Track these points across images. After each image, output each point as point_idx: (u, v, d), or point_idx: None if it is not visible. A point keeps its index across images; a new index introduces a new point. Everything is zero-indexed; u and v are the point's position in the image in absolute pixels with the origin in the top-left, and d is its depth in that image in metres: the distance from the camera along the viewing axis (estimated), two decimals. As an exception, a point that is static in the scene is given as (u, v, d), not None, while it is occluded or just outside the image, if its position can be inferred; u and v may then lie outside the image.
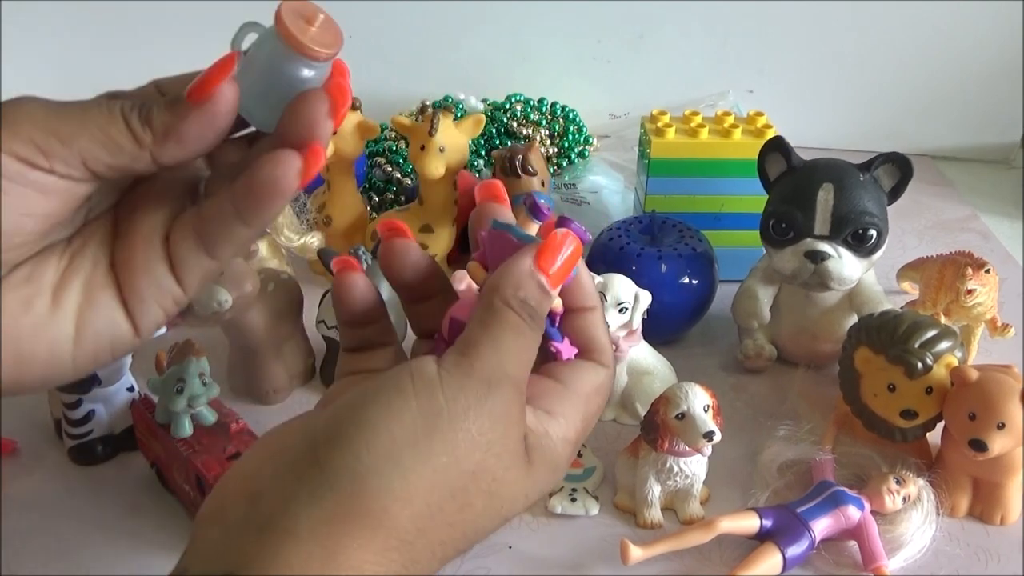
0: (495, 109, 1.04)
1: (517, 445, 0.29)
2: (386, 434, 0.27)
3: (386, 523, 0.26)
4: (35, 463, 0.64)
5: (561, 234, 0.31)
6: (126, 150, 0.28)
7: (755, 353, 0.72)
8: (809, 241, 0.66)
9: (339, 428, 0.27)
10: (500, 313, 0.29)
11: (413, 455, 0.27)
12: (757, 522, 0.55)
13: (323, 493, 0.26)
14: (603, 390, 0.34)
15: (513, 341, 0.29)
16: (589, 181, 0.96)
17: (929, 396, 0.57)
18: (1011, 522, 0.59)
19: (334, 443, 0.27)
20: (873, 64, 1.12)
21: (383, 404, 0.27)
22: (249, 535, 0.26)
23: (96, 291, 0.30)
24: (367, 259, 0.66)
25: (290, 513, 0.26)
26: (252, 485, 0.28)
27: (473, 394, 0.28)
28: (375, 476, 0.26)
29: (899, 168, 0.67)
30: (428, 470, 0.27)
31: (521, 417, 0.29)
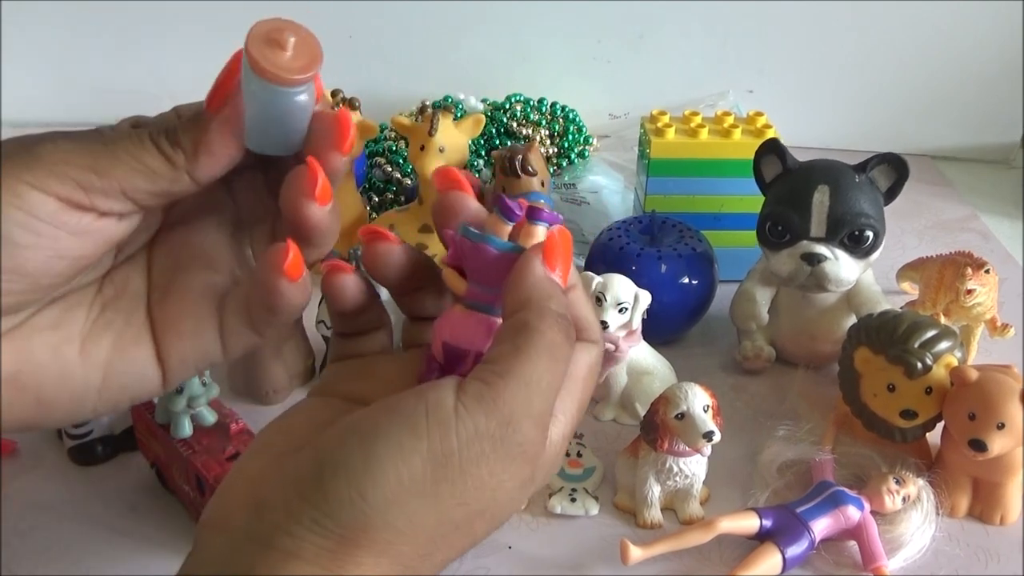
0: (495, 109, 1.04)
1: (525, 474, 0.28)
2: (394, 476, 0.26)
3: (390, 552, 0.26)
4: (35, 463, 0.64)
5: (559, 231, 0.31)
6: (162, 174, 0.28)
7: (754, 355, 0.72)
8: (805, 243, 0.66)
9: (347, 458, 0.26)
10: (536, 334, 0.28)
11: (420, 502, 0.26)
12: (757, 522, 0.55)
13: (326, 523, 0.25)
14: (595, 368, 0.33)
15: (547, 368, 0.28)
16: (589, 181, 0.96)
17: (929, 396, 0.57)
18: (1011, 522, 0.59)
19: (340, 473, 0.26)
20: (873, 64, 1.12)
21: (394, 442, 0.26)
22: (253, 548, 0.26)
23: (128, 346, 0.31)
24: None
25: (294, 535, 0.26)
26: (256, 491, 0.27)
27: (489, 439, 0.26)
28: (380, 515, 0.25)
29: (895, 168, 0.67)
30: (434, 513, 0.26)
31: (537, 452, 0.28)
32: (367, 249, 0.34)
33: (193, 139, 0.29)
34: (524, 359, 0.27)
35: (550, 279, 0.29)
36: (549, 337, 0.28)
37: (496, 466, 0.27)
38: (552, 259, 0.30)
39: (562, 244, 0.30)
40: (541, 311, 0.28)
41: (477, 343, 0.31)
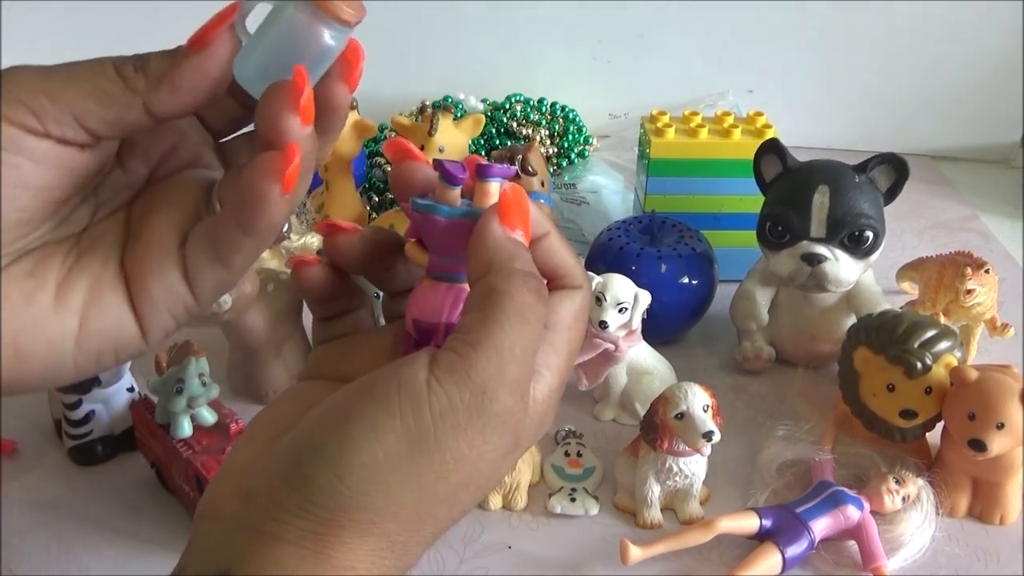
0: (495, 109, 1.04)
1: (507, 442, 0.28)
2: (369, 456, 0.25)
3: (375, 531, 0.26)
4: (35, 463, 0.64)
5: (512, 189, 0.29)
6: (117, 99, 0.27)
7: (754, 355, 0.72)
8: (805, 244, 0.66)
9: (323, 441, 0.26)
10: (504, 298, 0.27)
11: (398, 478, 0.26)
12: (756, 522, 0.55)
13: (309, 507, 0.25)
14: (583, 313, 0.31)
15: (519, 332, 0.27)
16: (589, 181, 0.97)
17: (928, 396, 0.57)
18: (1010, 522, 0.59)
19: (318, 458, 0.26)
20: (873, 64, 1.12)
21: (368, 422, 0.26)
22: (243, 535, 0.26)
23: (104, 291, 0.30)
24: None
25: (279, 520, 0.26)
26: (245, 480, 0.28)
27: (464, 410, 0.26)
28: (359, 496, 0.25)
29: (895, 169, 0.67)
30: (414, 488, 0.26)
31: (517, 421, 0.28)
32: (326, 243, 0.33)
33: (159, 69, 0.28)
34: (494, 326, 0.27)
35: (511, 239, 0.28)
36: (518, 300, 0.27)
37: (474, 437, 0.26)
38: (510, 217, 0.28)
39: (517, 199, 0.29)
40: (506, 274, 0.27)
41: (445, 314, 0.31)
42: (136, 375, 0.65)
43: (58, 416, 0.64)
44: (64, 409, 0.62)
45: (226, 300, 0.61)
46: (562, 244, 0.31)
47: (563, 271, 0.31)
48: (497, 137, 1.01)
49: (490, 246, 0.28)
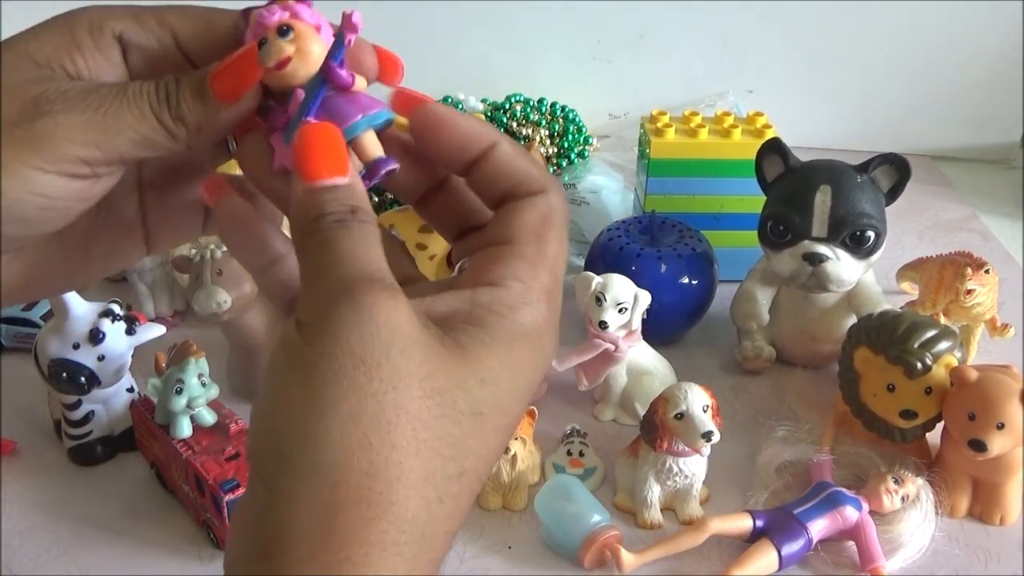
0: (495, 109, 1.04)
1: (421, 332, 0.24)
2: (286, 417, 0.24)
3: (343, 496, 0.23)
4: (35, 464, 0.64)
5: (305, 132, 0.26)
6: (164, 145, 0.28)
7: (754, 355, 0.72)
8: (807, 243, 0.66)
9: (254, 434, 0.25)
10: (308, 245, 0.25)
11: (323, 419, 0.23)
12: (750, 523, 0.55)
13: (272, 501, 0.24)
14: (556, 214, 0.28)
15: (336, 251, 0.25)
16: (589, 181, 0.96)
17: (928, 396, 0.57)
18: (1010, 522, 0.59)
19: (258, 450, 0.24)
20: (873, 64, 1.12)
21: (270, 392, 0.24)
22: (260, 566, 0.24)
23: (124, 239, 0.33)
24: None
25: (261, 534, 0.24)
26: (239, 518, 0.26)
27: (330, 322, 0.24)
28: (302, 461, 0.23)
29: (897, 169, 0.67)
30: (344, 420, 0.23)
31: (400, 304, 0.24)
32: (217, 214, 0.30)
33: (198, 119, 0.28)
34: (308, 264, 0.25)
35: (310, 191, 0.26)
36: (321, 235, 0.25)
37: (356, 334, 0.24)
38: (307, 167, 0.26)
39: (307, 143, 0.26)
40: (303, 232, 0.25)
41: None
42: (136, 375, 0.65)
43: (58, 416, 0.64)
44: (64, 409, 0.62)
45: (226, 300, 0.61)
46: (515, 152, 0.28)
47: (522, 177, 0.28)
48: (497, 137, 1.01)
49: (293, 212, 0.26)
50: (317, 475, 0.23)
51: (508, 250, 0.27)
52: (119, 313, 0.61)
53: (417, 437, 0.24)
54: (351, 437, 0.23)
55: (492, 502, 0.59)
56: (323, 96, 0.27)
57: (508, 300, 0.26)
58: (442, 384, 0.24)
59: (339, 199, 0.26)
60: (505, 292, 0.26)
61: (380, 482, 0.23)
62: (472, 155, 0.28)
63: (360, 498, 0.23)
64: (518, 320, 0.26)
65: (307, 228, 0.25)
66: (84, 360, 0.59)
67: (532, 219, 0.28)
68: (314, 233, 0.25)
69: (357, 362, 0.23)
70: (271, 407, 0.24)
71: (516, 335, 0.26)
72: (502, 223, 0.28)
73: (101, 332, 0.59)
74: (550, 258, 0.28)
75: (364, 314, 0.24)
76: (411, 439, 0.24)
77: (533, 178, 0.28)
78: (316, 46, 0.27)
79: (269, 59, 0.26)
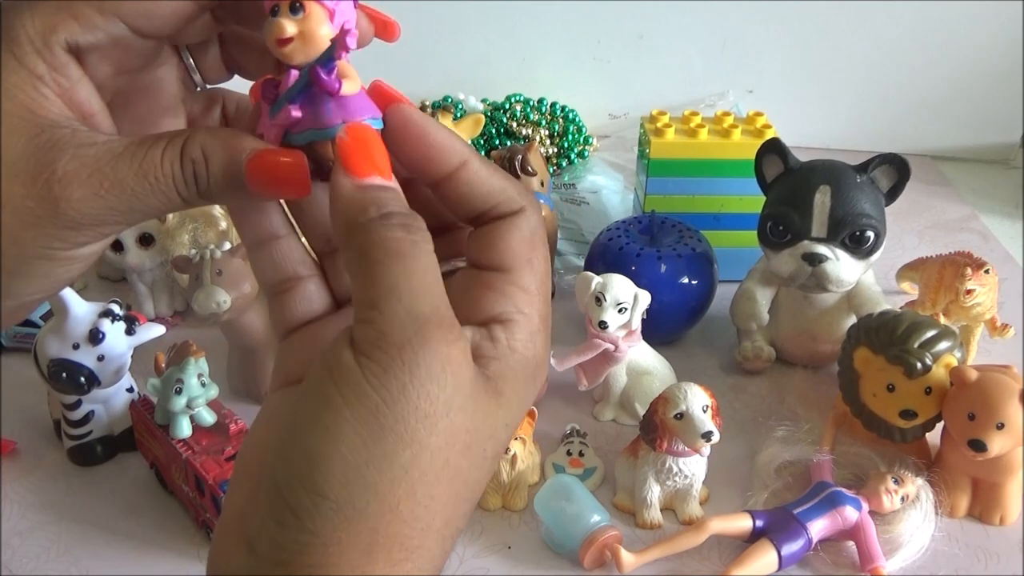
0: (495, 109, 1.04)
1: (474, 385, 0.25)
2: (338, 460, 0.23)
3: (381, 541, 0.24)
4: (35, 464, 0.64)
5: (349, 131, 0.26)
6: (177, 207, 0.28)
7: (753, 355, 0.72)
8: (806, 243, 0.66)
9: (291, 464, 0.24)
10: (372, 246, 0.24)
11: (374, 469, 0.23)
12: (750, 523, 0.55)
13: (305, 539, 0.24)
14: (536, 233, 0.28)
15: (408, 273, 0.24)
16: (589, 181, 0.97)
17: (928, 396, 0.57)
18: (1010, 522, 0.59)
19: (294, 483, 0.24)
20: (873, 64, 1.12)
21: (320, 428, 0.24)
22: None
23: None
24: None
25: (285, 562, 0.24)
26: (245, 528, 0.26)
27: (400, 367, 0.24)
28: (346, 506, 0.24)
29: (896, 169, 0.67)
30: (397, 473, 0.24)
31: (464, 356, 0.25)
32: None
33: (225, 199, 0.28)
34: (378, 280, 0.24)
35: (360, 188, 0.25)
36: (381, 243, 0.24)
37: (429, 389, 0.24)
38: (353, 163, 0.25)
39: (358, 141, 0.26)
40: (361, 228, 0.25)
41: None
42: (135, 376, 0.65)
43: (57, 416, 0.64)
44: (63, 409, 0.62)
45: (225, 300, 0.61)
46: (488, 169, 0.28)
47: (495, 198, 0.27)
48: (497, 137, 1.01)
49: (341, 207, 0.25)
50: (360, 520, 0.24)
51: (504, 279, 0.27)
52: (119, 313, 0.61)
53: (453, 488, 0.25)
54: (400, 488, 0.24)
55: (492, 502, 0.59)
56: (311, 90, 0.26)
57: (521, 336, 0.27)
58: (482, 436, 0.25)
59: (398, 199, 0.25)
60: (516, 328, 0.27)
61: (415, 530, 0.24)
62: (444, 171, 0.27)
63: (394, 544, 0.24)
64: (529, 356, 0.27)
65: (361, 224, 0.25)
66: (84, 360, 0.59)
67: (520, 245, 0.28)
68: (383, 236, 0.24)
69: (421, 416, 0.24)
70: (316, 440, 0.24)
71: (530, 370, 0.27)
72: (489, 247, 0.28)
73: (101, 332, 0.59)
74: (541, 281, 0.28)
75: (435, 372, 0.24)
76: (448, 490, 0.25)
77: (510, 197, 0.28)
78: (323, 31, 0.26)
79: (271, 34, 0.26)
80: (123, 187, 0.26)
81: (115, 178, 0.26)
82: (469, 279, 0.28)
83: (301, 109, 0.26)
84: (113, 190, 0.26)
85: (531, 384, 0.27)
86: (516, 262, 0.27)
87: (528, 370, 0.27)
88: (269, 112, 0.27)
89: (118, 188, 0.26)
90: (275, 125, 0.27)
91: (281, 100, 0.26)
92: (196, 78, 0.32)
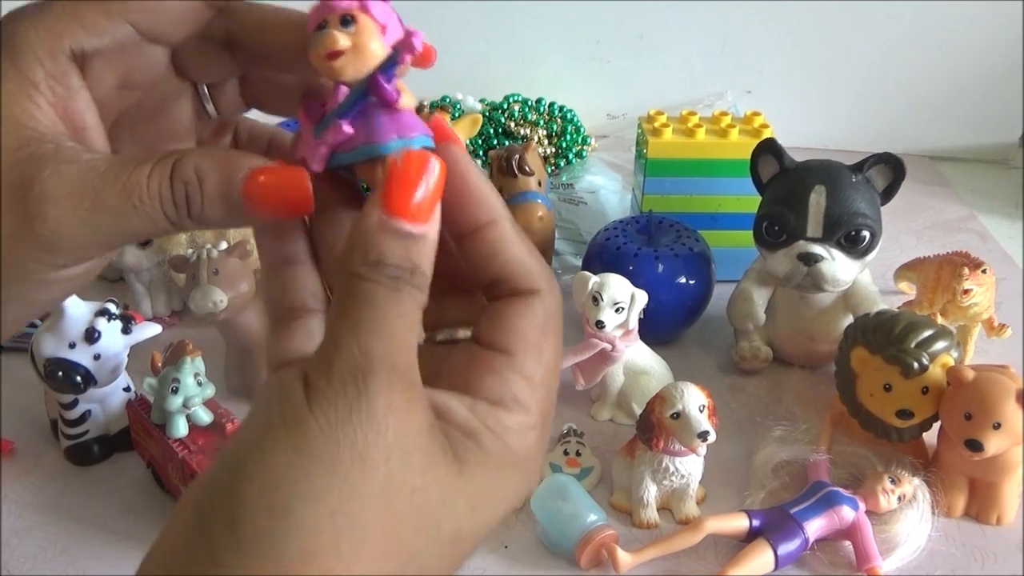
0: (493, 109, 1.04)
1: (423, 443, 0.23)
2: (265, 486, 0.22)
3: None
4: (32, 463, 0.64)
5: (405, 158, 0.23)
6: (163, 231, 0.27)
7: (751, 355, 0.72)
8: (802, 243, 0.66)
9: (215, 486, 0.22)
10: (352, 289, 0.23)
11: (302, 503, 0.21)
12: (746, 523, 0.55)
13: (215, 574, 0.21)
14: (553, 321, 0.26)
15: (374, 317, 0.23)
16: (587, 181, 0.97)
17: (925, 396, 0.57)
18: (1007, 522, 0.59)
19: (215, 508, 0.22)
20: (872, 64, 1.12)
21: (256, 449, 0.22)
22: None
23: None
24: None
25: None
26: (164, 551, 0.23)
27: (343, 401, 0.22)
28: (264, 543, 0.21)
29: (892, 169, 0.67)
30: (322, 516, 0.21)
31: (415, 407, 0.23)
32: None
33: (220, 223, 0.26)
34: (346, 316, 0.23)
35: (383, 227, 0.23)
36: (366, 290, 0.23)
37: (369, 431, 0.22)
38: (394, 199, 0.23)
39: (412, 172, 0.23)
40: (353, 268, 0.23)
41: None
42: (132, 375, 0.65)
43: (54, 416, 0.64)
44: (60, 409, 0.62)
45: (222, 300, 0.61)
46: (516, 236, 0.26)
47: (518, 268, 0.26)
48: (495, 137, 1.01)
49: (356, 230, 0.23)
50: (273, 561, 0.21)
51: (507, 363, 0.25)
52: (115, 312, 0.61)
53: (389, 553, 0.22)
54: (323, 534, 0.21)
55: (488, 502, 0.59)
56: (364, 104, 0.25)
57: (509, 423, 0.25)
58: (433, 501, 0.23)
59: (407, 254, 0.23)
60: (506, 415, 0.25)
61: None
62: (472, 225, 0.26)
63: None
64: (513, 447, 0.25)
65: (360, 270, 0.23)
66: (80, 359, 0.58)
67: (531, 330, 0.26)
68: (364, 281, 0.23)
69: (356, 458, 0.22)
70: (246, 459, 0.22)
71: (510, 462, 0.25)
72: (498, 326, 0.26)
73: (97, 331, 0.59)
74: (548, 371, 0.26)
75: (377, 413, 0.22)
76: (380, 553, 0.22)
77: (530, 273, 0.26)
78: (375, 45, 0.25)
79: (322, 47, 0.25)
80: (104, 208, 0.25)
81: (96, 198, 0.24)
82: (472, 356, 0.26)
83: (352, 124, 0.25)
84: (93, 211, 0.24)
85: (512, 478, 0.25)
86: (523, 347, 0.26)
87: (510, 461, 0.25)
88: (313, 132, 0.26)
89: (99, 209, 0.24)
90: (321, 144, 0.25)
91: (329, 117, 0.25)
92: (209, 108, 0.31)
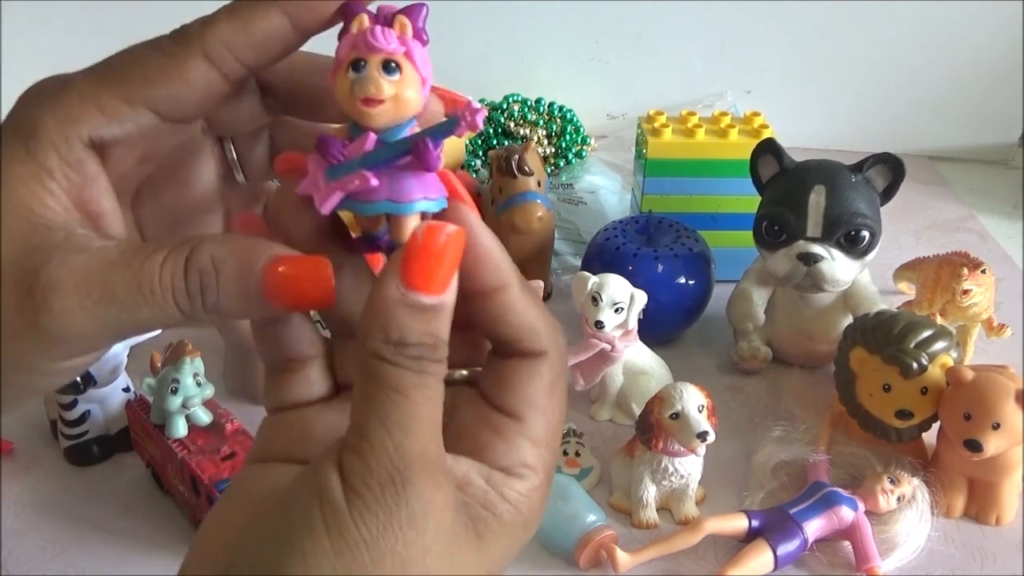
0: (492, 109, 1.04)
1: (454, 531, 0.24)
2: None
3: None
4: (31, 464, 0.64)
5: (426, 231, 0.23)
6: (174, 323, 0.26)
7: (750, 355, 0.72)
8: (802, 243, 0.66)
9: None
10: (376, 373, 0.23)
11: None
12: (745, 523, 0.55)
13: None
14: (558, 383, 0.27)
15: (406, 410, 0.23)
16: (586, 181, 0.97)
17: (924, 396, 0.57)
18: (1006, 522, 0.59)
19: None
20: (871, 64, 1.12)
21: (298, 553, 0.23)
22: None
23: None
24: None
25: None
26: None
27: (383, 507, 0.23)
28: None
29: (891, 169, 0.67)
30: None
31: (446, 499, 0.24)
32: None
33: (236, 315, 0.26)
34: (374, 407, 0.23)
35: (402, 302, 0.23)
36: (390, 375, 0.23)
37: (408, 533, 0.23)
38: (412, 271, 0.23)
39: (430, 246, 0.23)
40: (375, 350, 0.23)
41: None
42: (132, 375, 0.65)
43: (54, 416, 0.64)
44: (60, 409, 0.62)
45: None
46: (525, 299, 0.26)
47: (524, 333, 0.26)
48: (494, 137, 1.01)
49: (372, 307, 0.23)
50: None
51: (515, 429, 0.26)
52: (115, 313, 0.60)
53: None
54: None
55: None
56: (398, 161, 0.24)
57: (521, 490, 0.26)
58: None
59: (428, 328, 0.23)
60: (518, 482, 0.26)
61: None
62: (483, 288, 0.25)
63: None
64: (523, 510, 0.26)
65: (383, 352, 0.23)
66: (80, 360, 0.58)
67: (537, 394, 0.26)
68: (388, 365, 0.23)
69: (398, 562, 0.23)
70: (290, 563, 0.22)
71: (520, 524, 0.26)
72: (506, 390, 0.26)
73: (97, 332, 0.58)
74: (552, 433, 0.27)
75: (416, 516, 0.23)
76: None
77: (538, 336, 0.26)
78: (415, 97, 0.24)
79: (361, 91, 0.23)
80: (112, 299, 0.24)
81: (104, 289, 0.24)
82: (480, 416, 0.26)
83: (377, 176, 0.24)
84: (101, 302, 0.24)
85: (517, 538, 0.26)
86: (531, 413, 0.26)
87: (518, 523, 0.26)
88: (327, 172, 0.24)
89: (107, 300, 0.24)
90: (335, 188, 0.24)
91: (352, 163, 0.24)
92: (238, 175, 0.30)
